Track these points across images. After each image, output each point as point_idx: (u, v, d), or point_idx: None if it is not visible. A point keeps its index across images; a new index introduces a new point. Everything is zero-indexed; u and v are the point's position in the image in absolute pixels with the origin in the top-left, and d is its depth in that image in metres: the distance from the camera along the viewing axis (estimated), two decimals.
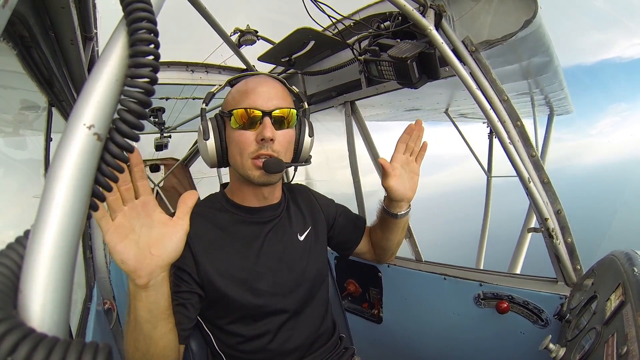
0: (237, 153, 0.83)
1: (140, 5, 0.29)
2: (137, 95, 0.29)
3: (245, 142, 0.82)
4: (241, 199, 0.92)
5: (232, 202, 0.92)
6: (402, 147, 0.99)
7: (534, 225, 1.95)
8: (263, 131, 0.80)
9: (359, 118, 1.63)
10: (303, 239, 0.97)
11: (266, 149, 0.81)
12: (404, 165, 0.99)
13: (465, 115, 3.68)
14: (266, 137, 0.80)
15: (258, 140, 0.81)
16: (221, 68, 1.84)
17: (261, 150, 0.81)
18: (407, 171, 1.00)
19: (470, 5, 1.06)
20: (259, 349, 0.87)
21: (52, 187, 0.25)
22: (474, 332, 1.20)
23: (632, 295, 0.60)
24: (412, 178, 1.00)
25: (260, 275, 0.87)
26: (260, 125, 0.82)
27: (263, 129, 0.80)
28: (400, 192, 0.97)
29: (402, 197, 0.98)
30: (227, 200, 0.93)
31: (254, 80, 0.86)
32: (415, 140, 0.99)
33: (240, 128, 0.82)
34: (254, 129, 0.82)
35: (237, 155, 0.83)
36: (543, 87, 2.31)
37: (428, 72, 1.07)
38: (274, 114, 0.82)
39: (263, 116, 0.81)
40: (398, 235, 1.08)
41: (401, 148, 0.99)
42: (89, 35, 0.92)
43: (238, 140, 0.82)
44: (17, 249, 0.25)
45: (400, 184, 0.97)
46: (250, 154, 0.82)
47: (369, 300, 1.54)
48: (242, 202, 0.92)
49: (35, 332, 0.21)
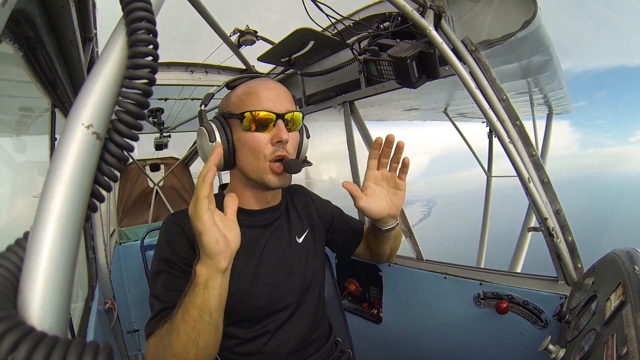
0: (250, 155, 0.83)
1: (139, 5, 0.29)
2: (136, 96, 0.29)
3: (260, 145, 0.81)
4: (242, 202, 0.91)
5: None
6: (373, 164, 0.92)
7: (534, 224, 1.95)
8: (279, 133, 0.80)
9: (358, 118, 1.63)
10: (301, 242, 0.97)
11: (282, 150, 0.82)
12: (380, 182, 0.93)
13: (464, 114, 3.68)
14: (283, 139, 0.80)
15: (273, 142, 0.81)
16: (220, 68, 1.84)
17: (277, 152, 0.82)
18: (387, 187, 0.93)
19: (470, 6, 1.06)
20: (255, 351, 0.87)
21: (52, 187, 0.25)
22: (474, 332, 1.20)
23: (633, 295, 0.60)
24: (395, 194, 0.92)
25: (261, 279, 0.88)
26: (274, 128, 0.82)
27: (279, 131, 0.81)
28: (376, 211, 0.91)
29: (381, 215, 0.92)
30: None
31: (261, 83, 0.85)
32: (389, 155, 0.90)
33: (252, 130, 0.81)
34: (267, 131, 0.82)
35: (251, 157, 0.83)
36: (542, 86, 2.31)
37: (427, 71, 1.07)
38: (287, 117, 0.82)
39: (277, 118, 0.81)
40: (390, 244, 1.07)
41: (372, 165, 0.92)
42: (88, 36, 0.92)
43: (252, 142, 0.82)
44: (17, 250, 0.25)
45: (374, 202, 0.90)
46: (266, 157, 0.82)
47: (368, 300, 1.54)
48: (243, 205, 0.91)
49: (35, 331, 0.21)
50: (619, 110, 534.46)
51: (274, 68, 1.80)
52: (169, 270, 0.80)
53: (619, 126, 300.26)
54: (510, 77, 1.77)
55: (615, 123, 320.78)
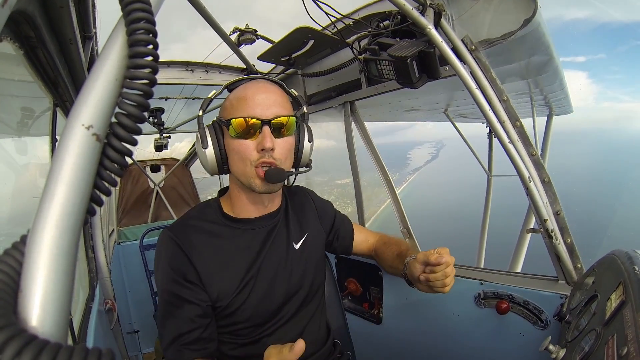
0: (238, 161, 0.83)
1: (139, 5, 0.29)
2: (136, 97, 0.28)
3: (246, 151, 0.81)
4: (240, 208, 0.91)
5: (227, 216, 0.91)
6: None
7: (533, 223, 1.94)
8: (263, 141, 0.79)
9: (359, 118, 1.63)
10: (299, 247, 0.97)
11: (267, 157, 0.81)
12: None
13: (464, 115, 3.68)
14: (266, 147, 0.79)
15: (259, 149, 0.81)
16: (221, 67, 1.84)
17: (263, 158, 0.81)
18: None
19: (470, 5, 1.06)
20: (251, 355, 0.88)
21: (52, 187, 0.25)
22: (474, 333, 1.20)
23: (633, 295, 0.60)
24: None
25: (257, 287, 0.88)
26: (259, 135, 0.81)
27: (263, 138, 0.80)
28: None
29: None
30: (223, 214, 0.92)
31: (253, 87, 0.84)
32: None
33: (240, 137, 0.81)
34: (253, 137, 0.81)
35: (239, 163, 0.83)
36: (543, 87, 2.31)
37: (428, 71, 1.07)
38: (273, 123, 0.81)
39: (262, 125, 0.80)
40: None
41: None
42: (88, 35, 0.91)
43: (238, 149, 0.82)
44: (14, 253, 0.25)
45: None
46: (252, 162, 0.81)
47: (369, 300, 1.53)
48: (240, 213, 0.91)
49: (37, 339, 0.21)
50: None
51: (274, 67, 1.80)
52: (178, 303, 0.82)
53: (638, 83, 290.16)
54: (511, 77, 1.77)
55: (635, 80, 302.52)
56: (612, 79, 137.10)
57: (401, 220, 1.57)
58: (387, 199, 1.66)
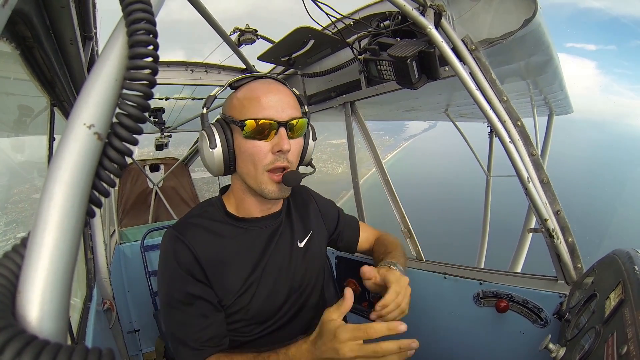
0: (249, 164, 0.81)
1: (139, 5, 0.29)
2: (137, 98, 0.28)
3: (260, 154, 0.79)
4: (243, 209, 0.90)
5: (231, 215, 0.90)
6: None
7: (534, 223, 1.94)
8: (280, 142, 0.78)
9: (359, 118, 1.63)
10: (303, 246, 0.97)
11: (282, 160, 0.80)
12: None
13: (465, 115, 3.67)
14: (284, 149, 0.78)
15: (274, 151, 0.79)
16: (221, 68, 1.84)
17: (277, 162, 0.80)
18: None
19: (470, 5, 1.06)
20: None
21: (52, 187, 0.25)
22: (474, 331, 1.20)
23: (632, 294, 0.60)
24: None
25: (262, 286, 0.88)
26: (275, 136, 0.79)
27: (280, 140, 0.78)
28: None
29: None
30: (226, 212, 0.91)
31: (263, 86, 0.81)
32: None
33: (253, 137, 0.79)
34: (267, 139, 0.79)
35: (250, 166, 0.81)
36: (543, 88, 2.31)
37: (428, 72, 1.07)
38: (289, 124, 0.80)
39: (278, 127, 0.78)
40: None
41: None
42: (88, 35, 0.91)
43: (252, 151, 0.79)
44: (13, 256, 0.25)
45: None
46: (265, 166, 0.80)
47: (368, 299, 1.53)
48: (243, 213, 0.90)
49: (37, 340, 0.21)
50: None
51: (274, 67, 1.80)
52: (191, 301, 0.81)
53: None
54: (511, 77, 1.77)
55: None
56: (620, 73, 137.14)
57: (401, 221, 1.57)
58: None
